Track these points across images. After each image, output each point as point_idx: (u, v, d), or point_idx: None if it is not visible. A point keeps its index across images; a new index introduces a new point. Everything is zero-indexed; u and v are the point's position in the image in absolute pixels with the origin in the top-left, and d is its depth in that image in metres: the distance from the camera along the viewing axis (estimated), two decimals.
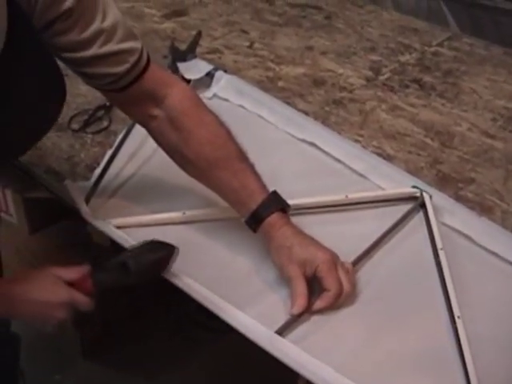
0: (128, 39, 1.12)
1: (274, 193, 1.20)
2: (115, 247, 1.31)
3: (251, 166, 1.21)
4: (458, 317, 1.15)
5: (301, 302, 1.12)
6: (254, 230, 1.19)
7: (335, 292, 1.12)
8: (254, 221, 1.18)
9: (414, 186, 1.37)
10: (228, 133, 1.22)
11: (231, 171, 1.19)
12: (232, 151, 1.20)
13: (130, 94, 1.17)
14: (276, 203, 1.19)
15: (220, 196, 1.25)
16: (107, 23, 1.08)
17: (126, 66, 1.13)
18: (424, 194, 1.35)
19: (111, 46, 1.10)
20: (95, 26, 1.07)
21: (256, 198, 1.18)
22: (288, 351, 1.08)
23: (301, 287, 1.12)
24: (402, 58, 1.95)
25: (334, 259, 1.14)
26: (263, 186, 1.20)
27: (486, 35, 2.35)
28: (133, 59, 1.13)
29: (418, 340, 1.14)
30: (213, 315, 1.14)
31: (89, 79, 1.17)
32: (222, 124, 1.22)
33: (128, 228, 1.30)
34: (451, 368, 1.10)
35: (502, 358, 1.12)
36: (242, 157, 1.21)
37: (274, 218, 1.17)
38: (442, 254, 1.25)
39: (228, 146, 1.20)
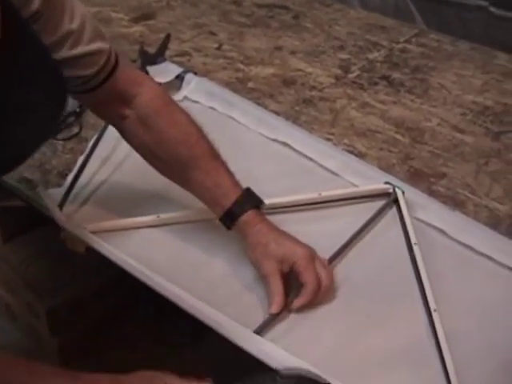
0: (96, 39, 1.10)
1: (248, 190, 1.20)
2: (90, 254, 1.31)
3: (224, 164, 1.20)
4: (435, 310, 1.16)
5: (278, 300, 1.11)
6: (229, 228, 1.18)
7: (313, 287, 1.12)
8: (229, 219, 1.17)
9: (386, 182, 1.38)
10: (199, 131, 1.21)
11: (204, 170, 1.18)
12: (204, 150, 1.20)
13: (99, 94, 1.16)
14: (250, 201, 1.18)
15: (194, 195, 1.25)
16: (75, 24, 1.06)
17: (95, 67, 1.12)
18: (397, 189, 1.36)
19: (81, 48, 1.08)
20: (64, 27, 1.05)
21: (230, 196, 1.17)
22: (267, 350, 1.08)
23: (277, 285, 1.12)
24: (371, 56, 1.97)
25: (312, 254, 1.14)
26: (237, 184, 1.19)
27: (452, 31, 2.37)
28: (102, 60, 1.12)
29: (396, 335, 1.15)
30: (191, 318, 1.13)
31: None
32: (193, 122, 1.21)
33: (103, 233, 1.29)
34: (429, 362, 1.11)
35: (478, 350, 1.13)
36: (215, 155, 1.20)
37: (249, 215, 1.17)
38: (416, 248, 1.25)
39: (200, 144, 1.20)
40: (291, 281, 1.16)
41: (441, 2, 2.74)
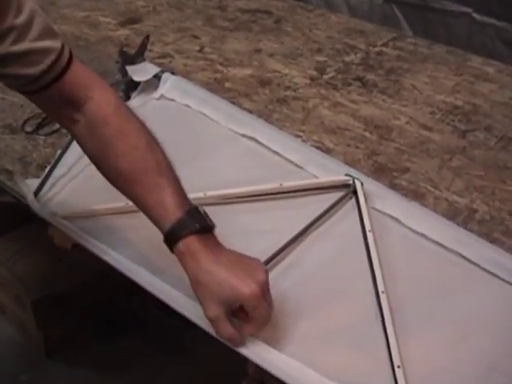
0: (45, 38, 1.05)
1: (193, 211, 1.07)
2: (76, 250, 1.37)
3: (172, 181, 1.09)
4: (382, 292, 1.21)
5: (231, 340, 1.06)
6: (172, 251, 1.07)
7: (264, 321, 1.06)
8: (168, 243, 1.06)
9: (346, 175, 1.43)
10: (149, 143, 1.12)
11: (146, 186, 1.09)
12: (150, 165, 1.10)
13: (48, 96, 1.11)
14: (191, 223, 1.04)
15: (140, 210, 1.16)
16: (20, 20, 1.01)
17: (42, 66, 1.06)
18: (356, 181, 1.42)
19: (25, 45, 1.02)
20: (7, 21, 0.99)
21: (170, 217, 1.05)
22: None
23: (224, 329, 1.04)
24: (347, 58, 2.03)
25: (259, 291, 1.02)
26: (182, 204, 1.07)
27: (437, 37, 2.44)
28: (49, 60, 1.06)
29: (344, 314, 1.21)
30: (172, 312, 1.17)
31: (1, 79, 1.10)
32: (144, 133, 1.13)
33: (75, 218, 1.36)
34: (374, 340, 1.17)
35: (422, 330, 1.19)
36: (161, 171, 1.10)
37: (187, 242, 1.04)
38: (370, 235, 1.31)
39: (146, 158, 1.10)
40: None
41: (426, 9, 2.80)
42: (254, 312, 1.02)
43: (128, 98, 1.74)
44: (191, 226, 1.04)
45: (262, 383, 1.21)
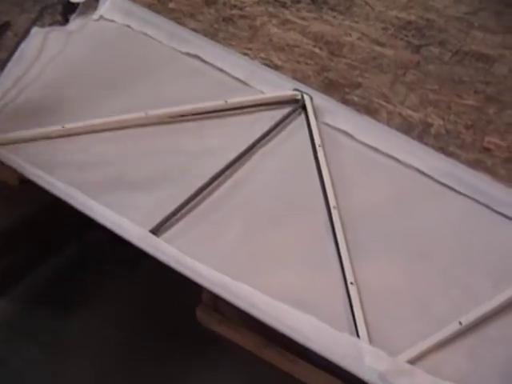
0: None
1: None
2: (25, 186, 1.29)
3: None
4: (334, 207, 1.16)
5: None
6: None
7: None
8: None
9: (295, 89, 1.37)
10: None
11: None
12: None
13: None
14: None
15: None
16: None
17: None
18: (305, 96, 1.36)
19: None
20: None
21: None
22: (163, 249, 1.08)
23: None
24: None
25: None
26: None
27: None
28: None
29: (295, 233, 1.16)
30: (121, 244, 1.13)
31: None
32: None
33: (11, 144, 1.28)
34: (327, 259, 1.13)
35: (378, 249, 1.15)
36: None
37: None
38: (320, 150, 1.26)
39: None
40: None
41: None
42: None
43: (67, 21, 1.65)
44: None
45: (215, 310, 1.15)
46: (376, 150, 1.30)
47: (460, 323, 1.05)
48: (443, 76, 1.55)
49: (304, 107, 1.36)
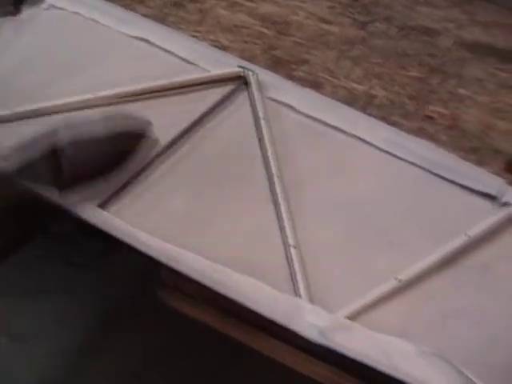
0: None
1: None
2: None
3: None
4: (277, 176, 1.20)
5: None
6: None
7: None
8: None
9: (239, 66, 1.40)
10: None
11: None
12: None
13: None
14: None
15: None
16: None
17: None
18: (249, 72, 1.38)
19: None
20: None
21: None
22: (110, 222, 1.11)
23: None
24: None
25: None
26: None
27: None
28: None
29: (239, 202, 1.19)
30: (92, 233, 1.15)
31: None
32: None
33: None
34: (269, 225, 1.16)
35: (322, 215, 1.19)
36: None
37: None
38: (263, 122, 1.29)
39: None
40: None
41: None
42: None
43: (18, 11, 1.67)
44: None
45: (176, 288, 1.18)
46: (319, 121, 1.33)
47: (398, 279, 1.09)
48: (389, 50, 1.59)
49: (248, 84, 1.38)
